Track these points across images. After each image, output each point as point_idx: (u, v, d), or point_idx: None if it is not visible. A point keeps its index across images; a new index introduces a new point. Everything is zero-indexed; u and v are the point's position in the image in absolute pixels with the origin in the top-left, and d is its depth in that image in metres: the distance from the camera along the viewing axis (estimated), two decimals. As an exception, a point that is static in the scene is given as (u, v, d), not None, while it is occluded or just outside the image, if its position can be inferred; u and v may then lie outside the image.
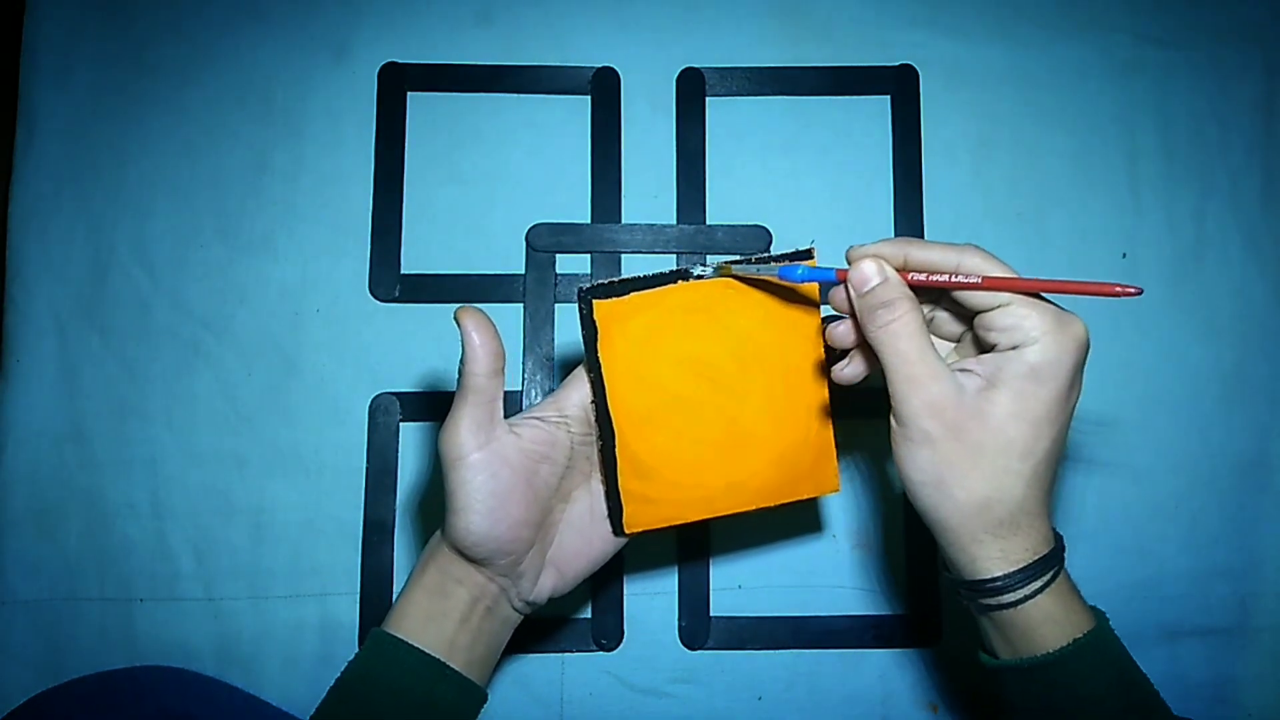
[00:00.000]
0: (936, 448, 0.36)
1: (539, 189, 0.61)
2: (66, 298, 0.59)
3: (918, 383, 0.36)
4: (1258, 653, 0.58)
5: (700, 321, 0.42)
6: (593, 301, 0.41)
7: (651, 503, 0.43)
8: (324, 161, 0.61)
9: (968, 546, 0.38)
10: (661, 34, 0.63)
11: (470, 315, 0.40)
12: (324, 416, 0.59)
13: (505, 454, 0.40)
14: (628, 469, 0.43)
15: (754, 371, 0.43)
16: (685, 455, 0.43)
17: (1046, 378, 0.36)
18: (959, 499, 0.37)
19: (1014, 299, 0.37)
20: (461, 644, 0.42)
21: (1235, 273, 0.61)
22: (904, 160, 0.62)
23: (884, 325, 0.37)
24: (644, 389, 0.42)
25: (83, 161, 0.61)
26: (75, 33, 0.62)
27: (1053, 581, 0.38)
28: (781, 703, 0.58)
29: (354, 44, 0.62)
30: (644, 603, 0.58)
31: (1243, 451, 0.60)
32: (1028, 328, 0.36)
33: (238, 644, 0.57)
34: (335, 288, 0.60)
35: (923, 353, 0.37)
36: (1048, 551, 0.38)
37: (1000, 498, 0.37)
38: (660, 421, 0.43)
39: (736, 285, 0.42)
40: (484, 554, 0.40)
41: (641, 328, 0.42)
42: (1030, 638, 0.38)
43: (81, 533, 0.58)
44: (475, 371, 0.40)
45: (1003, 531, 0.37)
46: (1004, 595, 0.38)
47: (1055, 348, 0.36)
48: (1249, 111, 0.63)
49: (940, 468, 0.36)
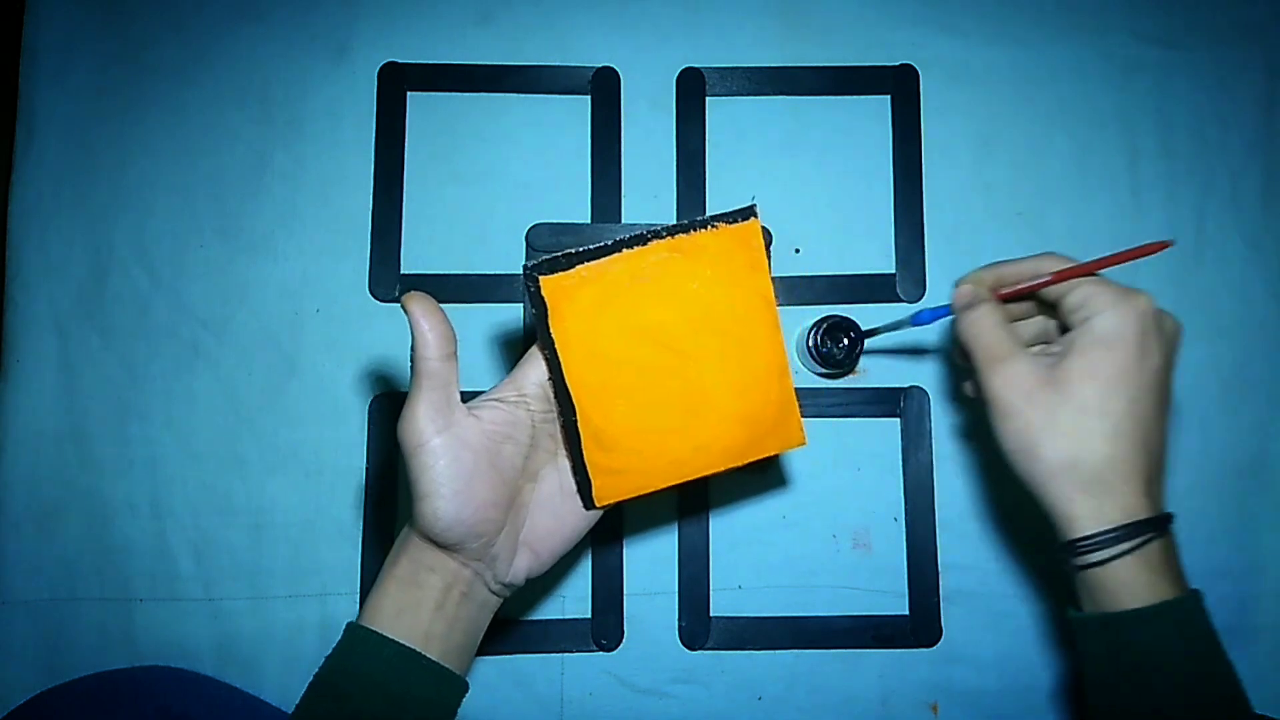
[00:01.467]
0: (1021, 417, 0.41)
1: (539, 189, 0.61)
2: (66, 298, 0.59)
3: (996, 363, 0.42)
4: (1258, 653, 0.58)
5: (649, 289, 0.42)
6: (539, 278, 0.41)
7: (619, 473, 0.43)
8: (324, 161, 0.61)
9: (1063, 506, 0.41)
10: (661, 34, 0.63)
11: (416, 300, 0.40)
12: (324, 416, 0.59)
13: (466, 437, 0.40)
14: (592, 442, 0.42)
15: (707, 334, 0.42)
16: (648, 423, 0.43)
17: (1113, 341, 0.41)
18: (1048, 459, 0.40)
19: (1083, 282, 0.42)
20: (437, 633, 0.41)
21: (1235, 273, 0.61)
22: (904, 160, 0.62)
23: (968, 324, 0.44)
24: (600, 361, 0.42)
25: (83, 161, 0.61)
26: (75, 33, 0.62)
27: (1144, 546, 0.40)
28: (781, 703, 0.58)
29: (354, 44, 0.62)
30: (644, 603, 0.58)
31: (1243, 451, 0.60)
32: (1093, 303, 0.41)
33: (237, 644, 0.57)
34: (335, 288, 0.60)
35: (999, 339, 0.43)
36: (1142, 519, 0.40)
37: (1085, 456, 0.40)
38: (619, 392, 0.42)
39: (682, 249, 0.42)
40: (454, 538, 0.40)
41: (591, 300, 0.41)
42: (1112, 598, 0.40)
43: (81, 533, 0.58)
44: (427, 356, 0.39)
45: (1094, 490, 0.40)
46: (1091, 554, 0.40)
47: (1117, 316, 0.41)
48: (1249, 111, 0.63)
49: (1027, 434, 0.41)
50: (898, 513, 0.59)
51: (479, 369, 0.59)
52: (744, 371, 0.43)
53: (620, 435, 0.43)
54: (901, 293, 0.61)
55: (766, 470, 0.60)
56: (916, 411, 0.60)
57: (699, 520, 0.59)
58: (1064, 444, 0.40)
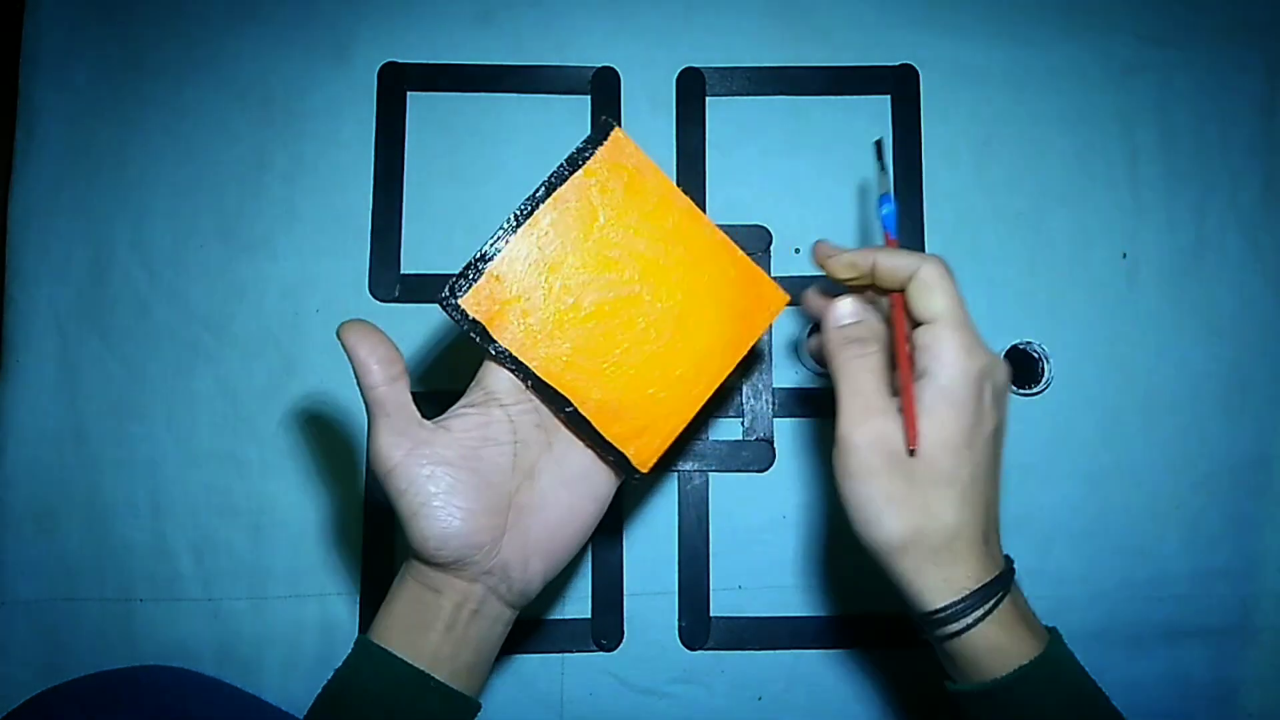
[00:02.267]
0: (877, 481, 0.38)
1: (539, 189, 0.61)
2: (66, 298, 0.59)
3: (869, 415, 0.39)
4: (1258, 653, 0.58)
5: (563, 253, 0.41)
6: (458, 303, 0.40)
7: (644, 430, 0.42)
8: (324, 161, 0.61)
9: (912, 578, 0.39)
10: (661, 34, 0.63)
11: (350, 330, 0.39)
12: (324, 416, 0.59)
13: (437, 452, 0.39)
14: (603, 419, 0.41)
15: (642, 260, 0.41)
16: (641, 371, 0.42)
17: (956, 402, 0.38)
18: (898, 529, 0.38)
19: (940, 317, 0.39)
20: (445, 654, 0.40)
21: (1235, 273, 0.61)
22: (904, 160, 0.62)
23: (852, 359, 0.40)
24: (560, 342, 0.40)
25: (83, 161, 0.61)
26: (75, 33, 0.62)
27: (995, 608, 0.38)
28: (781, 703, 0.58)
29: (354, 44, 0.62)
30: (644, 603, 0.58)
31: (1243, 452, 0.60)
32: (941, 349, 0.38)
33: (237, 644, 0.57)
34: (335, 288, 0.60)
35: (880, 391, 0.39)
36: (990, 579, 0.39)
37: (933, 525, 0.38)
38: (597, 359, 0.41)
39: (567, 199, 0.41)
40: (449, 556, 0.38)
41: (517, 293, 0.40)
42: (978, 665, 0.39)
43: (81, 533, 0.58)
44: (372, 384, 0.39)
45: (942, 559, 0.38)
46: (950, 625, 0.38)
47: (959, 374, 0.38)
48: (1249, 111, 0.63)
49: (876, 500, 0.38)
50: (898, 513, 0.59)
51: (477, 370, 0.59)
52: (696, 271, 0.42)
53: (622, 396, 0.41)
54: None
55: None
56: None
57: (699, 520, 0.59)
58: (913, 514, 0.38)
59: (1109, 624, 0.58)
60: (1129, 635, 0.58)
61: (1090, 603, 0.58)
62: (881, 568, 0.40)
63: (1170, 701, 0.41)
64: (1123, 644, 0.58)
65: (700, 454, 0.59)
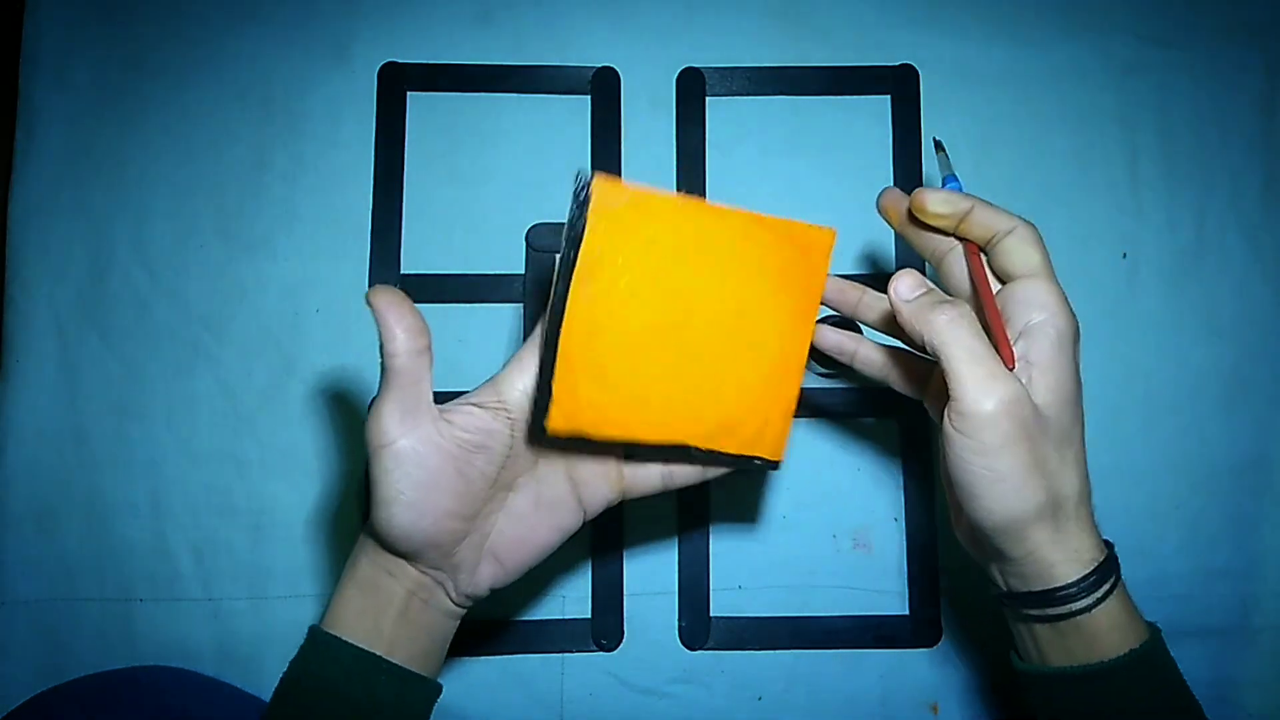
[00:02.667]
0: (1013, 449, 0.34)
1: (539, 189, 0.61)
2: (66, 298, 0.59)
3: (997, 381, 0.34)
4: (1258, 653, 0.58)
5: (697, 245, 0.39)
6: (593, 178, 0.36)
7: (763, 427, 0.40)
8: (324, 161, 0.61)
9: (1044, 552, 0.36)
10: (661, 34, 0.63)
11: (381, 294, 0.36)
12: (324, 416, 0.59)
13: (435, 442, 0.37)
14: (719, 442, 0.40)
15: (734, 313, 0.40)
16: (728, 378, 0.40)
17: (1069, 356, 0.36)
18: (1036, 500, 0.35)
19: (1034, 272, 0.38)
20: (401, 639, 0.39)
21: (1236, 273, 0.61)
22: (904, 160, 0.62)
23: (953, 321, 0.35)
24: (611, 288, 0.38)
25: (83, 161, 0.61)
26: (75, 33, 0.62)
27: (1117, 584, 0.37)
28: (781, 703, 0.58)
29: (354, 44, 0.62)
30: (644, 603, 0.58)
31: (1243, 452, 0.60)
32: (1050, 301, 0.37)
33: (237, 644, 0.57)
34: (335, 288, 0.60)
35: (994, 353, 0.35)
36: (1107, 553, 0.37)
37: (1065, 491, 0.36)
38: (617, 328, 0.38)
39: (753, 226, 0.40)
40: (409, 548, 0.38)
41: (633, 221, 0.37)
42: (1093, 644, 0.37)
43: (81, 533, 0.58)
44: (394, 352, 0.36)
45: (1070, 529, 0.36)
46: (1076, 602, 0.36)
47: (1066, 325, 0.37)
48: (1249, 111, 0.63)
49: (1017, 471, 0.34)
50: (898, 513, 0.59)
51: (478, 370, 0.59)
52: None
53: (723, 412, 0.40)
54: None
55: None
56: (916, 411, 0.60)
57: (699, 520, 0.59)
58: (1047, 483, 0.35)
59: (1109, 624, 0.57)
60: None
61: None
62: (1001, 547, 0.36)
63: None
64: (1123, 644, 0.58)
65: (700, 454, 0.59)
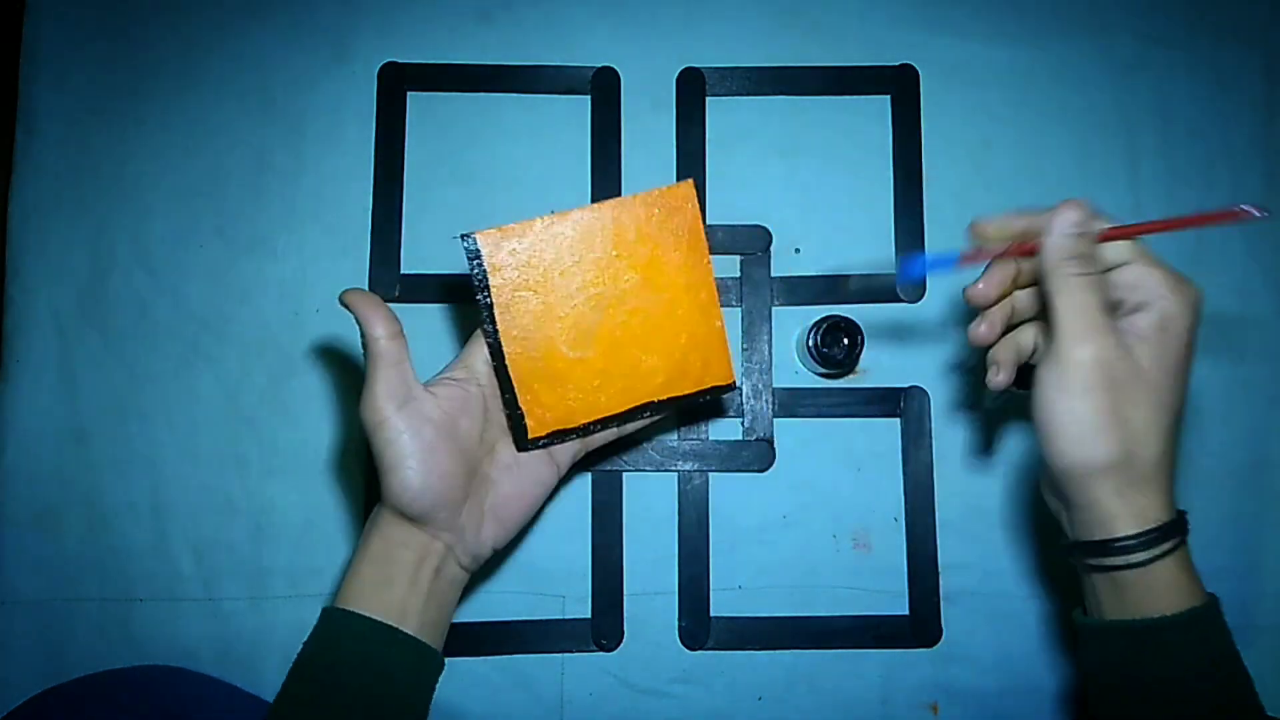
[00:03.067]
0: (1095, 399, 0.37)
1: (539, 189, 0.61)
2: (66, 298, 0.59)
3: (1096, 333, 0.38)
4: (1258, 653, 0.58)
5: (579, 241, 0.44)
6: (475, 235, 0.43)
7: (548, 409, 0.45)
8: (324, 161, 0.61)
9: (1109, 502, 0.38)
10: (661, 34, 0.63)
11: (352, 293, 0.42)
12: (324, 416, 0.59)
13: (425, 412, 0.41)
14: (521, 383, 0.44)
15: (639, 285, 0.45)
16: (576, 361, 0.45)
17: (1174, 331, 0.39)
18: (1108, 452, 0.37)
19: (1136, 258, 0.40)
20: (413, 608, 0.42)
21: (1235, 273, 0.61)
22: (904, 160, 0.62)
23: (1075, 274, 0.38)
24: (527, 303, 0.44)
25: (83, 161, 0.61)
26: (75, 33, 0.62)
27: (1179, 546, 0.39)
28: (781, 703, 0.58)
29: (354, 44, 0.62)
30: (644, 603, 0.58)
31: (1243, 452, 0.60)
32: (1153, 284, 0.39)
33: (238, 644, 0.57)
34: (335, 288, 0.60)
35: (1103, 310, 0.38)
36: (1176, 517, 0.39)
37: (1143, 452, 0.38)
38: (549, 333, 0.44)
39: (618, 209, 0.44)
40: (422, 507, 0.41)
41: (521, 249, 0.44)
42: (1150, 599, 0.39)
43: (81, 533, 0.58)
44: (376, 336, 0.41)
45: (1140, 488, 0.38)
46: (1133, 555, 0.38)
47: (1179, 304, 0.39)
48: (1249, 111, 0.63)
49: (1097, 419, 0.37)
50: (898, 513, 0.59)
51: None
52: (675, 317, 0.45)
53: (549, 374, 0.45)
54: (901, 293, 0.61)
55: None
56: (916, 411, 0.60)
57: (699, 520, 0.59)
58: (1124, 438, 0.37)
59: (1109, 624, 0.57)
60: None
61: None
62: (1069, 492, 0.39)
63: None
64: (1123, 644, 0.58)
65: (700, 454, 0.59)
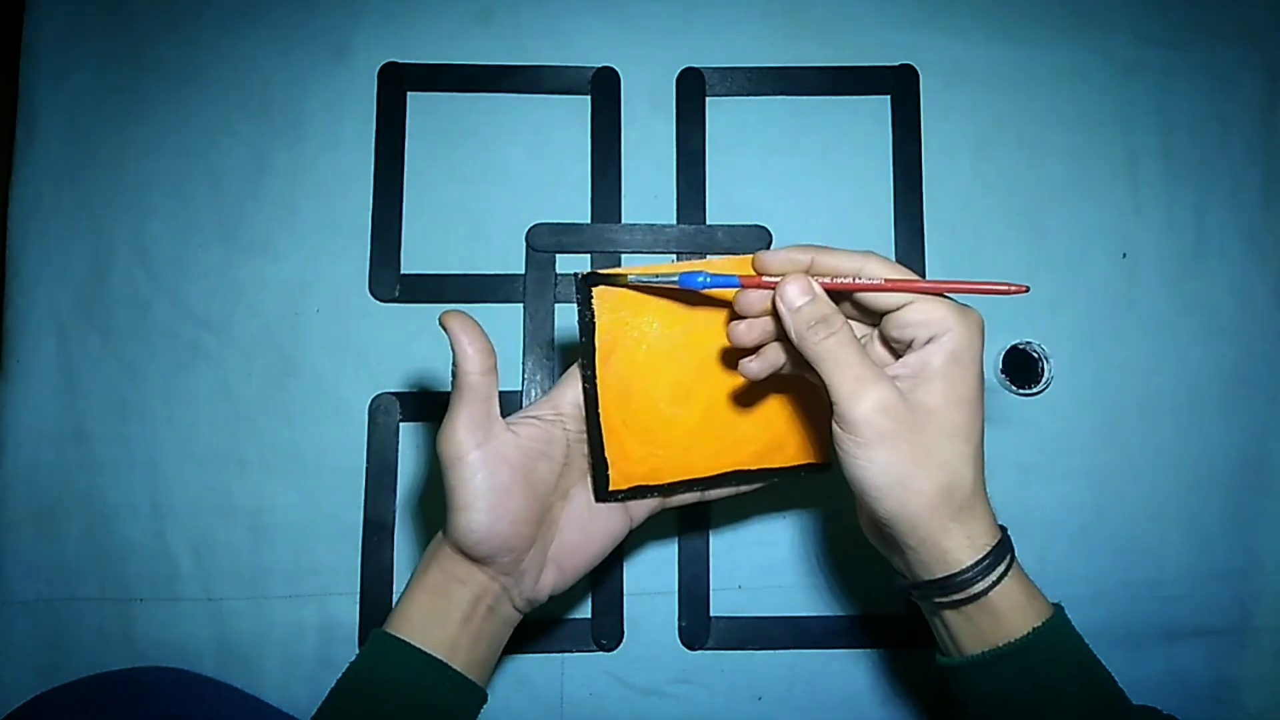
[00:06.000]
0: (893, 445, 0.37)
1: (539, 189, 0.61)
2: (66, 298, 0.59)
3: (866, 384, 0.38)
4: (1258, 653, 0.58)
5: (685, 306, 0.44)
6: (590, 288, 0.42)
7: (635, 463, 0.45)
8: (324, 161, 0.61)
9: (938, 539, 0.38)
10: (661, 34, 0.63)
11: (454, 318, 0.41)
12: (324, 416, 0.59)
13: (503, 451, 0.41)
14: (611, 435, 0.44)
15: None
16: (668, 421, 0.44)
17: (966, 361, 0.39)
18: (924, 490, 0.37)
19: (917, 297, 0.39)
20: (463, 645, 0.42)
21: (1235, 272, 0.61)
22: (904, 160, 0.62)
23: (824, 339, 0.38)
24: (631, 356, 0.43)
25: (83, 161, 0.61)
26: (75, 33, 0.62)
27: (1012, 565, 0.39)
28: (781, 703, 0.58)
29: (354, 44, 0.62)
30: (644, 603, 0.58)
31: (1243, 451, 0.60)
32: (938, 319, 0.39)
33: (237, 644, 0.57)
34: (335, 288, 0.60)
35: (863, 359, 0.38)
36: (1002, 536, 0.40)
37: (958, 482, 0.38)
38: (646, 387, 0.44)
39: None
40: (486, 551, 0.41)
41: (631, 311, 0.43)
42: (1006, 623, 0.39)
43: (81, 533, 0.58)
44: (469, 370, 0.40)
45: (964, 517, 0.39)
46: (974, 585, 0.38)
47: (965, 333, 0.39)
48: (1249, 111, 0.63)
49: (901, 464, 0.37)
50: (898, 513, 0.59)
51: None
52: (782, 384, 0.44)
53: (641, 427, 0.44)
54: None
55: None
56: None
57: (699, 520, 0.59)
58: (939, 474, 0.37)
59: (1109, 624, 0.57)
60: (1128, 635, 0.58)
61: (1090, 603, 0.57)
62: (897, 537, 0.39)
63: (1169, 701, 0.42)
64: (1122, 644, 0.57)
65: (700, 454, 0.59)
